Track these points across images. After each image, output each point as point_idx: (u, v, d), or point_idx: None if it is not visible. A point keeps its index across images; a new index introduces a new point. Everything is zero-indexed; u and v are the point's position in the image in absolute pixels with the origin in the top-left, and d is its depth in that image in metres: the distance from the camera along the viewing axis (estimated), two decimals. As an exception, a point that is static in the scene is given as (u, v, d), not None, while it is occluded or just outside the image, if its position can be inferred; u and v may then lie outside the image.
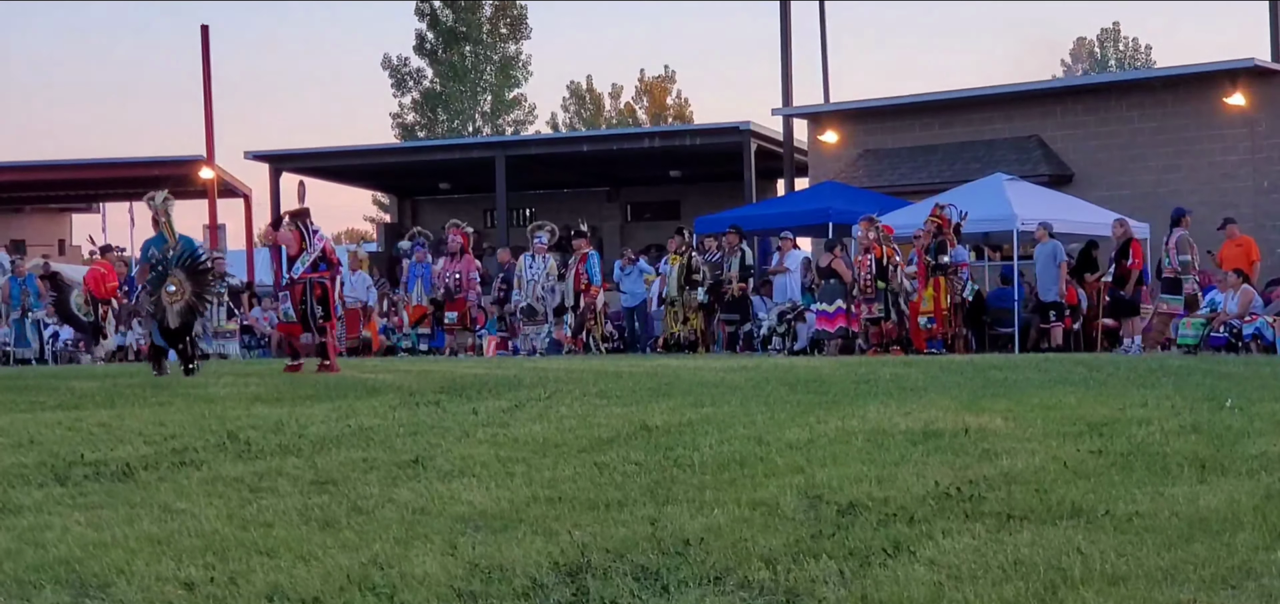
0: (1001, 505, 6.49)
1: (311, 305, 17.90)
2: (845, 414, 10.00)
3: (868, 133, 32.83)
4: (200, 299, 17.87)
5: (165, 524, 6.61)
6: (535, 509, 6.76)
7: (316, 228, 18.36)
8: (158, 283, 17.35)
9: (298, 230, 18.03)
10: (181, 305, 17.29)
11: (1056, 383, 12.60)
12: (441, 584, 5.41)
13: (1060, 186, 28.65)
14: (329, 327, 18.32)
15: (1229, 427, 8.77)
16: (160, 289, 17.29)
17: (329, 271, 18.23)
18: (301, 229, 18.06)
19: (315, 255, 17.95)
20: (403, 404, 12.00)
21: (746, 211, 29.86)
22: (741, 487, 7.13)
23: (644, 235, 37.43)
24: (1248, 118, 28.01)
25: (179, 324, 17.36)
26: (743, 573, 5.50)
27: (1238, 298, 21.15)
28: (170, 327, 17.35)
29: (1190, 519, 6.07)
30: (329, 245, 18.67)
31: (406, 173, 41.96)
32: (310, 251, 17.88)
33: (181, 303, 17.28)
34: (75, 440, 9.63)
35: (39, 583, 5.57)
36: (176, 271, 17.25)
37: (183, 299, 17.27)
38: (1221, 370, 14.40)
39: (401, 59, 70.44)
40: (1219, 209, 25.89)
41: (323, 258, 18.08)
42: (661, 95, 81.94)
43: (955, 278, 22.45)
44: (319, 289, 17.96)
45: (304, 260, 17.92)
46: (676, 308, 25.19)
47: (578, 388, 13.13)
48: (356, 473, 7.93)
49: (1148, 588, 5.05)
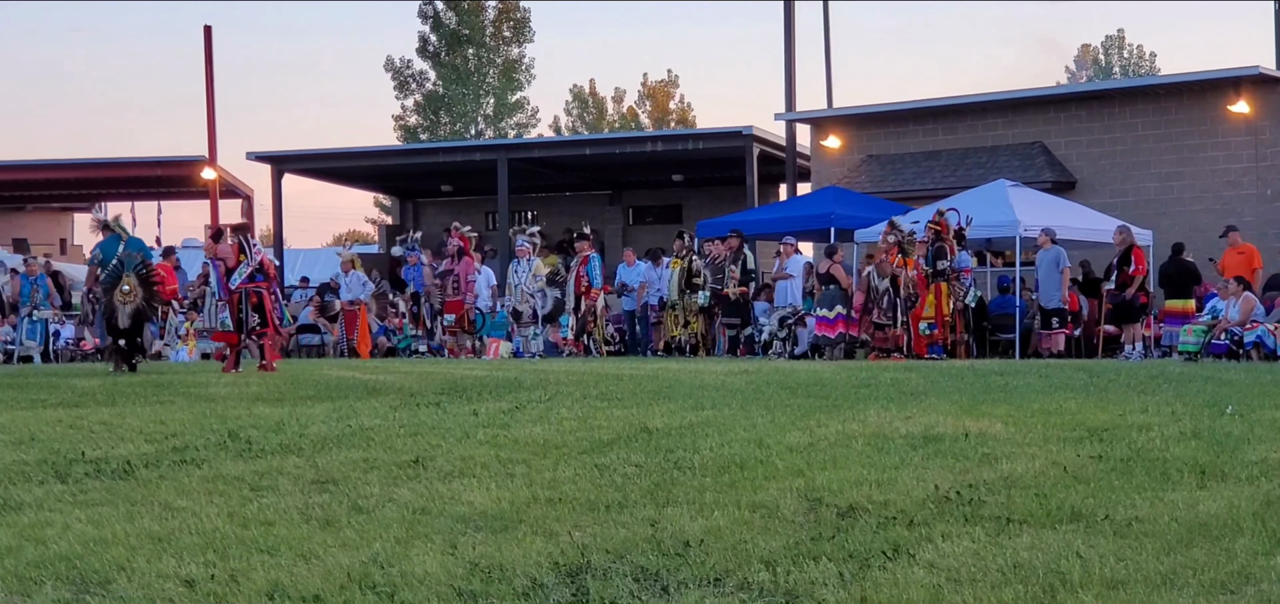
0: (1001, 509, 6.49)
1: (247, 313, 19.14)
2: (845, 418, 10.01)
3: (870, 138, 32.81)
4: (149, 305, 19.44)
5: (166, 522, 6.62)
6: (536, 510, 6.76)
7: (255, 242, 20.09)
8: (112, 282, 18.86)
9: (237, 243, 19.48)
10: (132, 307, 18.80)
11: (1057, 388, 12.62)
12: (442, 584, 5.41)
13: (1063, 193, 28.63)
14: (268, 332, 19.58)
15: (1229, 433, 8.78)
16: (115, 288, 18.79)
17: (265, 282, 19.53)
18: (241, 242, 19.52)
19: (253, 267, 19.23)
20: (403, 405, 12.02)
21: (748, 216, 29.86)
22: (742, 489, 7.14)
23: (646, 239, 37.41)
24: (1252, 125, 27.98)
25: (129, 324, 18.81)
26: (742, 575, 5.50)
27: (1239, 305, 21.14)
28: (120, 325, 18.79)
29: (1190, 524, 6.08)
30: (266, 258, 20.17)
31: (408, 175, 41.95)
32: (248, 263, 19.23)
33: (132, 305, 18.80)
34: (76, 438, 9.65)
35: (40, 580, 5.57)
36: (130, 275, 18.79)
37: (134, 301, 18.80)
38: (1222, 377, 14.42)
39: (404, 61, 70.49)
40: (1222, 217, 25.90)
41: (259, 269, 19.39)
42: (664, 99, 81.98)
43: (957, 283, 22.45)
44: (255, 297, 19.21)
45: (242, 271, 19.15)
46: (677, 311, 25.20)
47: (578, 390, 13.14)
48: (357, 472, 7.93)
49: (1147, 592, 5.06)
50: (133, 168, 41.12)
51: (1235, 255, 23.34)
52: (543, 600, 5.26)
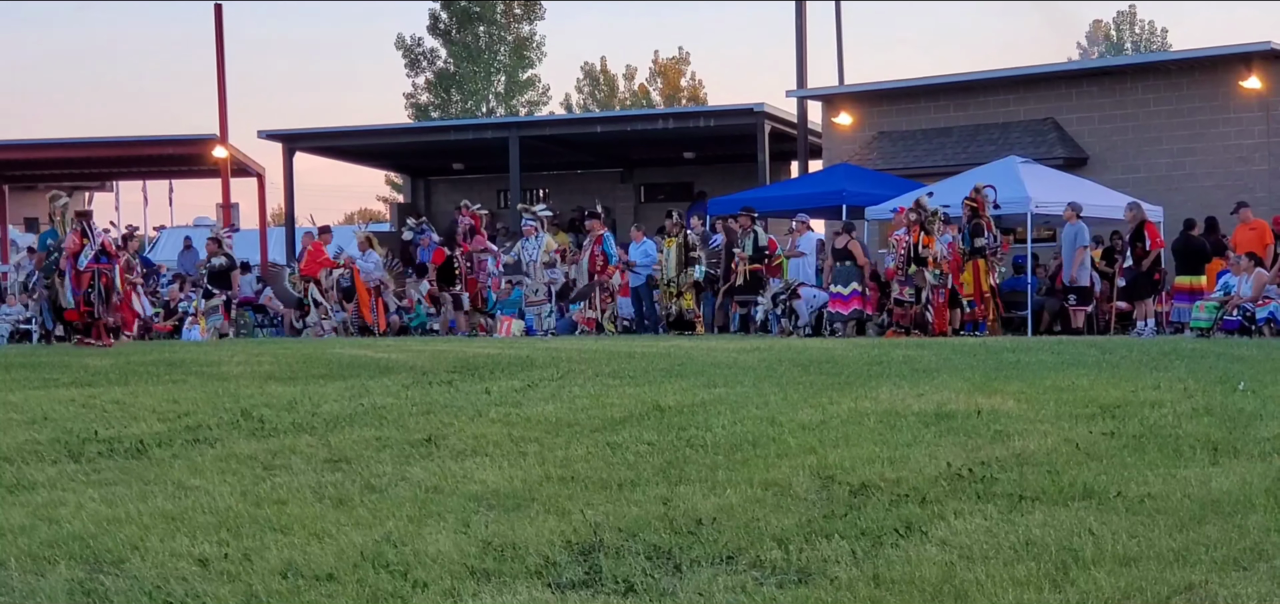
0: (1013, 486, 6.49)
1: (100, 290, 20.90)
2: (857, 395, 10.00)
3: (882, 115, 32.73)
4: None
5: (179, 501, 6.64)
6: (548, 488, 6.77)
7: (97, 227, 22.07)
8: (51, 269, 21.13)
9: (79, 231, 21.00)
10: None
11: (1069, 365, 12.59)
12: (454, 562, 5.43)
13: (1075, 169, 28.55)
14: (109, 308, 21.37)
15: (1241, 409, 8.77)
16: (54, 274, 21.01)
17: (109, 263, 21.19)
18: (84, 228, 21.14)
19: (96, 249, 20.95)
20: (415, 383, 12.03)
21: (760, 193, 29.79)
22: (754, 467, 7.14)
23: (657, 216, 37.34)
24: (1264, 101, 27.88)
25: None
26: (755, 552, 5.51)
27: (1251, 281, 21.08)
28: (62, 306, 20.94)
29: (1202, 501, 6.07)
30: (108, 241, 21.86)
31: (420, 153, 41.86)
32: (92, 246, 20.93)
33: None
34: (89, 417, 9.67)
35: (53, 559, 5.59)
36: None
37: None
38: (1234, 353, 14.38)
39: (415, 39, 70.50)
40: (1234, 193, 25.80)
41: (103, 251, 21.13)
42: (676, 77, 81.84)
43: (994, 259, 22.43)
44: (105, 278, 21.03)
45: (87, 254, 20.82)
46: (672, 287, 25.20)
47: (590, 368, 13.14)
48: (370, 451, 7.95)
49: (1159, 569, 5.06)
50: (144, 146, 41.05)
51: (1247, 231, 23.25)
52: (555, 579, 5.27)
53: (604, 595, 5.08)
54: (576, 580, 5.24)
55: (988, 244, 22.19)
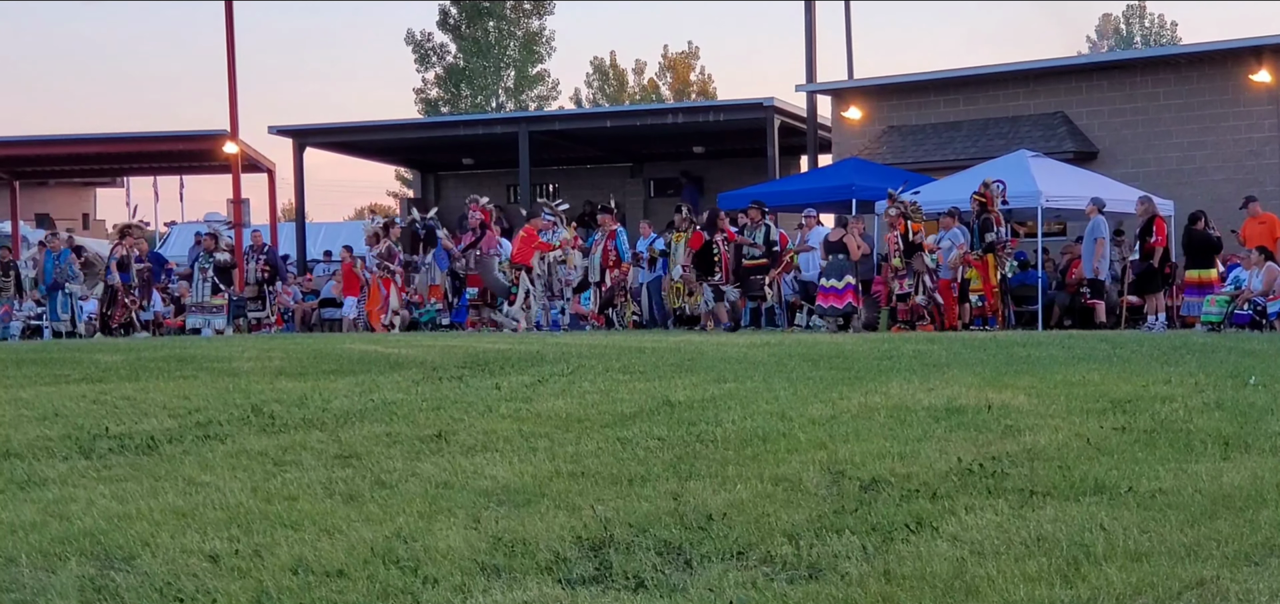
0: (1024, 482, 6.48)
1: None
2: (868, 390, 9.98)
3: (892, 109, 32.69)
4: None
5: (190, 497, 6.65)
6: (558, 484, 6.77)
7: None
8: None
9: None
10: None
11: (1080, 360, 12.56)
12: (465, 558, 5.43)
13: (1085, 164, 28.48)
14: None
15: (1253, 404, 8.74)
16: None
17: None
18: None
19: None
20: (426, 379, 12.03)
21: (769, 188, 29.77)
22: (764, 462, 7.14)
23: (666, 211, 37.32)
24: (1274, 94, 27.81)
25: None
26: (765, 548, 5.51)
27: (1262, 275, 21.04)
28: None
29: (1213, 496, 6.06)
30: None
31: (430, 148, 41.87)
32: None
33: None
34: (100, 413, 9.68)
35: (64, 555, 5.60)
36: None
37: None
38: (1245, 348, 14.35)
39: (425, 34, 70.43)
40: (1244, 186, 25.73)
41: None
42: (685, 71, 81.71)
43: (1003, 253, 22.42)
44: None
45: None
46: (679, 282, 25.18)
47: (601, 363, 13.12)
48: (380, 447, 7.95)
49: (1171, 564, 5.05)
50: (155, 143, 41.13)
51: (1256, 225, 23.20)
52: (566, 574, 5.27)
53: (614, 591, 5.08)
54: (587, 576, 5.24)
55: (997, 239, 22.18)
